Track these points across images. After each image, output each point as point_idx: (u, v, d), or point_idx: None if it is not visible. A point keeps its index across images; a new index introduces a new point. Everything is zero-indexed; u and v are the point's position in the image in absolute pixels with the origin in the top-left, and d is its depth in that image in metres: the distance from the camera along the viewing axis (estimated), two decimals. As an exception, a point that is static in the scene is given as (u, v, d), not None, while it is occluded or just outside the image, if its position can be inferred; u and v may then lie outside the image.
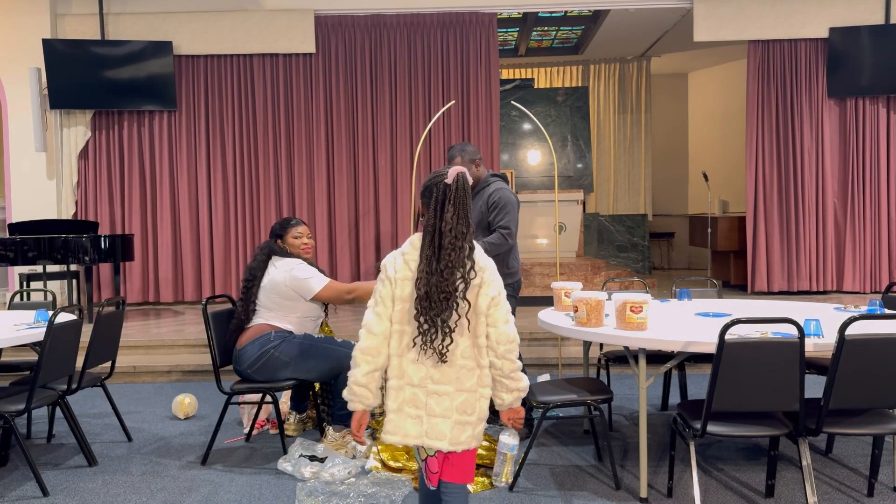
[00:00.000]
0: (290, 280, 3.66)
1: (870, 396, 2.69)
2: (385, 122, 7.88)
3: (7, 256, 6.36)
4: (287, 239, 3.82)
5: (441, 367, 2.09)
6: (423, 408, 2.10)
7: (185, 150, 7.84)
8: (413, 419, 2.10)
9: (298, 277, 3.66)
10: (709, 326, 3.07)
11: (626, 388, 4.86)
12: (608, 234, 9.58)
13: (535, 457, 3.57)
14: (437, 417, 2.09)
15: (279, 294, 3.68)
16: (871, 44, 7.49)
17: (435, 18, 7.85)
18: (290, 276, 3.67)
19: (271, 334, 3.64)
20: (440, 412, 2.09)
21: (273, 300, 3.69)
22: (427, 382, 2.10)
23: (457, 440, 2.09)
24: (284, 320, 3.70)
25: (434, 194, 2.10)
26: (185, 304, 7.94)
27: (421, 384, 2.10)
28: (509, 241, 3.78)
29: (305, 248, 3.85)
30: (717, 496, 3.07)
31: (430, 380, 2.09)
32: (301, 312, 3.73)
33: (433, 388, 2.09)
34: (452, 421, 2.09)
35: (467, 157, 3.86)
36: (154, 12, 7.72)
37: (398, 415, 2.11)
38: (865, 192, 7.74)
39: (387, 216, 7.91)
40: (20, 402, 3.25)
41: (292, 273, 3.67)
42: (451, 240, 2.06)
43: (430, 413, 2.09)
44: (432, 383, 2.10)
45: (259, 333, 3.64)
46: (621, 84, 11.07)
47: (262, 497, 3.16)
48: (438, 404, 2.09)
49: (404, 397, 2.11)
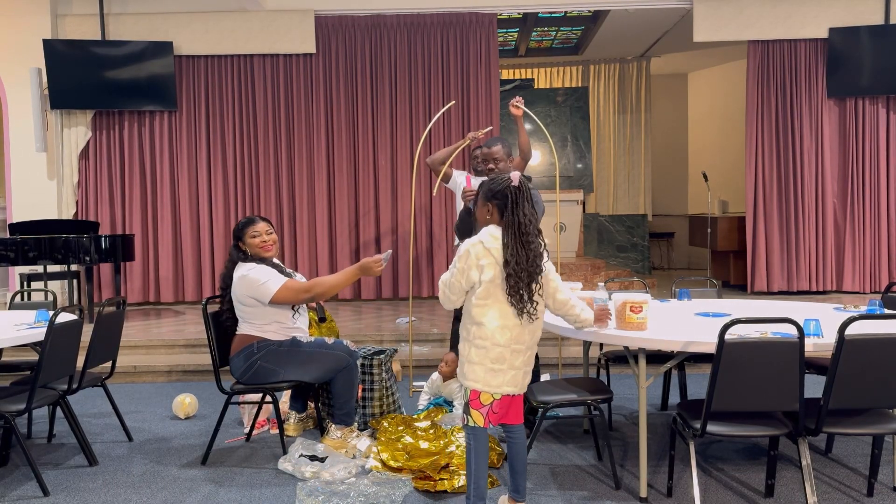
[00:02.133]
0: (245, 287, 3.53)
1: (869, 396, 2.69)
2: (385, 122, 7.89)
3: (7, 256, 6.37)
4: (245, 240, 3.62)
5: (522, 329, 2.64)
6: (506, 362, 2.64)
7: (186, 150, 7.84)
8: (496, 372, 2.63)
9: (255, 282, 3.50)
10: (709, 326, 3.07)
11: (626, 388, 4.86)
12: (608, 234, 9.59)
13: (535, 457, 3.57)
14: (515, 370, 2.66)
15: (241, 302, 3.57)
16: (871, 44, 7.49)
17: (435, 19, 7.86)
18: (245, 282, 3.53)
19: (254, 345, 3.57)
20: (518, 365, 2.67)
21: (242, 310, 3.60)
22: (511, 343, 2.63)
23: (523, 385, 2.73)
24: (261, 329, 3.58)
25: (508, 196, 2.62)
26: (185, 304, 7.94)
27: (506, 344, 2.62)
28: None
29: (265, 247, 3.62)
30: (717, 496, 3.07)
31: (514, 340, 2.63)
32: (272, 318, 3.59)
33: (515, 347, 2.64)
34: (523, 371, 2.70)
35: (506, 150, 3.92)
36: (154, 13, 7.72)
37: (482, 368, 2.63)
38: (865, 192, 7.74)
39: (387, 216, 7.92)
40: (21, 402, 3.25)
41: (248, 277, 3.52)
42: (532, 228, 2.63)
43: (511, 366, 2.65)
44: (515, 343, 2.64)
45: (242, 345, 3.59)
46: (621, 84, 11.07)
47: (262, 497, 3.16)
48: (517, 359, 2.66)
49: (490, 355, 2.62)
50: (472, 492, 2.69)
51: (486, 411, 2.65)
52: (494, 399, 2.65)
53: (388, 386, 4.09)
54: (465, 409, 2.68)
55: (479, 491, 2.69)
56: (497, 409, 2.66)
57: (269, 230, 3.68)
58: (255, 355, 3.56)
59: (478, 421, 2.65)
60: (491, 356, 2.61)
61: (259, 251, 3.62)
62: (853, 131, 7.75)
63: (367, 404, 4.00)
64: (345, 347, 3.72)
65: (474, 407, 2.65)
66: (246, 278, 3.53)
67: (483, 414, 2.65)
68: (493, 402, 2.65)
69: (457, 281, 2.65)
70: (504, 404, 2.69)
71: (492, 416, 2.66)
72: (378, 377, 4.02)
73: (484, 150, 3.88)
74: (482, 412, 2.65)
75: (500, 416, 2.69)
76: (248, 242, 3.62)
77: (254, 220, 3.65)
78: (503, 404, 2.68)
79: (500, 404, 2.66)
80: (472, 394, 2.66)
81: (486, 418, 2.65)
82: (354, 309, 7.42)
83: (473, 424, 2.66)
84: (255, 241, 3.61)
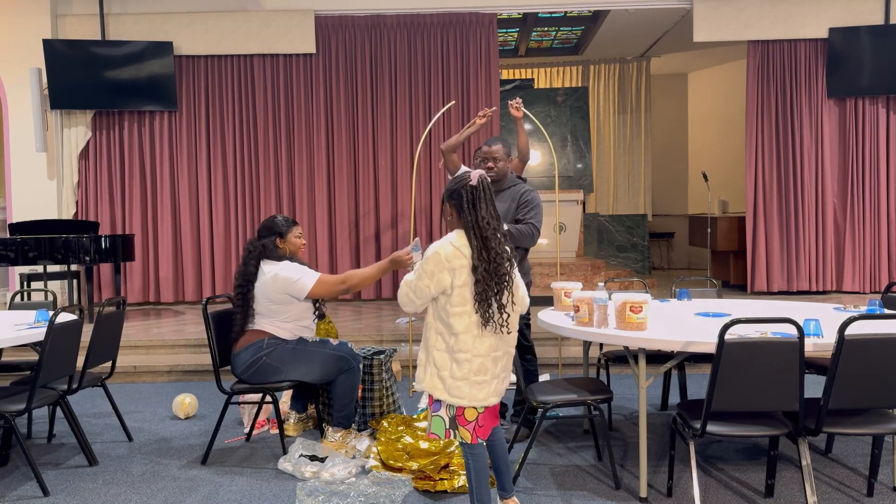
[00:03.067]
0: (280, 283, 3.58)
1: (869, 396, 2.69)
2: (385, 122, 7.89)
3: (7, 256, 6.37)
4: (289, 238, 3.73)
5: (502, 335, 2.53)
6: (489, 372, 2.53)
7: (186, 150, 7.84)
8: (481, 385, 2.52)
9: (289, 279, 3.57)
10: (708, 326, 3.07)
11: (626, 388, 4.86)
12: (608, 234, 9.59)
13: (535, 456, 3.57)
14: (496, 378, 2.56)
15: (270, 300, 3.61)
16: (871, 44, 7.49)
17: (435, 19, 7.86)
18: (279, 280, 3.58)
19: (264, 341, 3.61)
20: (498, 372, 2.57)
21: (266, 306, 3.63)
22: (491, 351, 2.52)
23: (503, 390, 2.63)
24: (278, 327, 3.64)
25: (464, 196, 2.50)
26: (185, 304, 7.94)
27: (486, 353, 2.52)
28: (535, 236, 3.80)
29: (304, 248, 3.87)
30: (717, 496, 3.07)
31: (493, 348, 2.53)
32: (294, 315, 3.66)
33: (495, 354, 2.54)
34: (502, 377, 2.60)
35: (507, 150, 3.94)
36: (154, 13, 7.72)
37: (465, 383, 2.51)
38: (865, 192, 7.74)
39: (387, 216, 7.92)
40: (21, 402, 3.25)
41: (281, 276, 3.57)
42: (492, 232, 2.49)
43: (494, 375, 2.55)
44: (494, 351, 2.53)
45: (253, 340, 3.62)
46: (621, 84, 11.07)
47: (262, 497, 3.16)
48: (496, 366, 2.56)
49: (472, 367, 2.50)
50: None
51: (472, 427, 2.56)
52: (479, 413, 2.56)
53: (388, 386, 4.09)
54: (452, 425, 2.58)
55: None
56: (482, 422, 2.59)
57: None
58: (263, 351, 3.59)
59: (465, 437, 2.57)
60: (474, 368, 2.50)
61: (298, 251, 3.79)
62: (853, 131, 7.75)
63: (367, 404, 4.00)
64: (349, 350, 3.75)
65: (461, 424, 2.57)
66: (279, 277, 3.59)
67: (470, 431, 2.57)
68: (477, 417, 2.56)
69: (425, 285, 2.50)
70: (487, 415, 2.61)
71: (479, 431, 2.58)
72: (378, 377, 4.02)
73: (484, 148, 3.88)
74: (468, 429, 2.57)
75: (485, 428, 2.61)
76: (291, 241, 3.76)
77: (296, 222, 3.83)
78: (486, 416, 2.60)
79: (484, 417, 2.59)
80: (458, 410, 2.56)
81: (474, 434, 2.57)
82: (354, 309, 7.42)
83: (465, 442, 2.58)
84: (299, 241, 3.80)
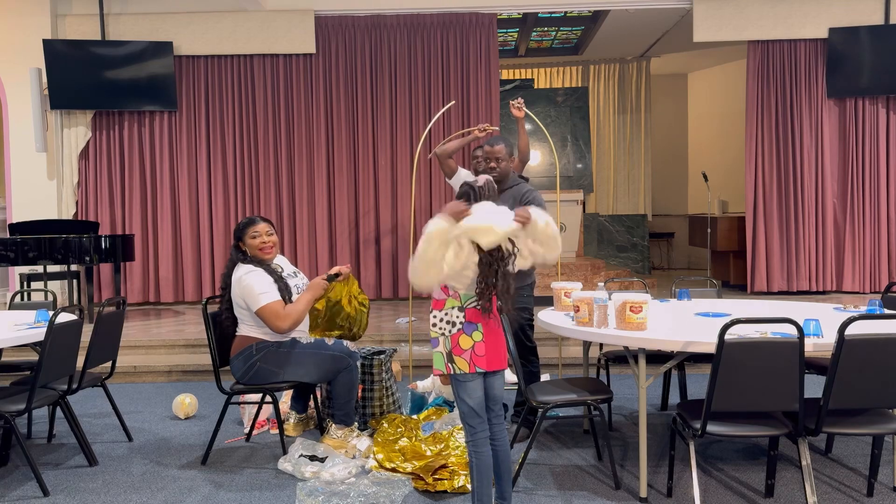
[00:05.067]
0: (242, 289, 3.51)
1: (869, 396, 2.69)
2: (385, 122, 7.89)
3: (7, 256, 6.37)
4: (245, 241, 3.59)
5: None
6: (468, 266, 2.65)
7: (186, 150, 7.84)
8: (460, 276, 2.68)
9: (250, 287, 3.47)
10: (708, 326, 3.07)
11: (626, 388, 4.86)
12: (608, 235, 9.59)
13: (535, 457, 3.57)
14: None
15: (238, 305, 3.56)
16: (871, 44, 7.49)
17: (435, 19, 7.86)
18: (242, 285, 3.50)
19: (253, 347, 3.55)
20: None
21: (239, 312, 3.59)
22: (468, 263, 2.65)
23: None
24: (259, 331, 3.56)
25: (472, 195, 2.68)
26: (185, 304, 7.94)
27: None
28: None
29: (264, 248, 3.59)
30: (717, 496, 3.07)
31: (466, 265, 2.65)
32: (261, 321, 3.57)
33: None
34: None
35: (509, 150, 3.95)
36: (154, 13, 7.72)
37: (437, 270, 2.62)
38: (865, 192, 7.74)
39: (387, 216, 7.92)
40: (21, 402, 3.25)
41: (244, 281, 3.49)
42: None
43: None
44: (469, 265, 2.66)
45: (241, 347, 3.58)
46: (621, 84, 11.07)
47: (262, 497, 3.16)
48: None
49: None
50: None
51: (468, 355, 2.63)
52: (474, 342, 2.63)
53: (388, 386, 4.09)
54: (449, 359, 2.64)
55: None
56: (480, 352, 2.64)
57: (270, 231, 3.65)
58: (255, 357, 3.55)
59: (462, 367, 2.62)
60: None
61: (258, 253, 3.59)
62: (853, 131, 7.75)
63: (367, 404, 4.00)
64: (344, 348, 3.70)
65: (456, 354, 2.63)
66: (242, 282, 3.51)
67: (466, 360, 2.63)
68: (473, 345, 2.63)
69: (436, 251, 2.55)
70: (484, 347, 2.65)
71: (476, 360, 2.63)
72: (378, 377, 4.02)
73: (486, 148, 3.88)
74: (464, 357, 2.63)
75: (485, 358, 2.65)
76: (247, 243, 3.60)
77: (255, 221, 3.62)
78: (483, 346, 2.65)
79: (480, 346, 2.64)
80: (452, 340, 2.63)
81: (471, 363, 2.63)
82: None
83: (460, 372, 2.62)
84: (254, 242, 3.58)
